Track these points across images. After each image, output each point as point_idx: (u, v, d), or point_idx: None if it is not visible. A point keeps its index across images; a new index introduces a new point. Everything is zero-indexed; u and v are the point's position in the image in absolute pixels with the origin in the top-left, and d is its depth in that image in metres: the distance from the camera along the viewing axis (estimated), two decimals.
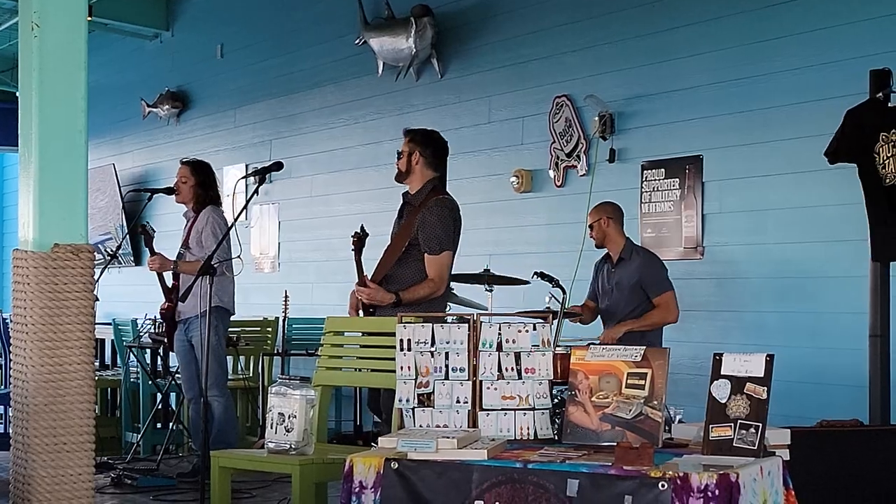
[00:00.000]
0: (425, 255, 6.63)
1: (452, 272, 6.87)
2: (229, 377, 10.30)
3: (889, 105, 6.74)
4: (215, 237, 8.03)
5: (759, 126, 7.91)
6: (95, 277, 5.72)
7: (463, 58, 10.19)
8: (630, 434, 4.57)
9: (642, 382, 4.66)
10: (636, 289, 7.59)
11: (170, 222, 13.66)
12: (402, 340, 5.05)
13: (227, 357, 8.93)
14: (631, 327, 7.48)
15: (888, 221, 6.71)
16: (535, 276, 7.63)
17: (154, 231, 8.45)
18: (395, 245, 6.76)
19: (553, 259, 8.72)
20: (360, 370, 6.66)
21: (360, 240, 6.70)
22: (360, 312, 6.77)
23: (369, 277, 6.69)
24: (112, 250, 12.72)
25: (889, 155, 6.64)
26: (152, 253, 8.33)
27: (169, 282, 8.43)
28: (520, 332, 4.95)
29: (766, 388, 4.40)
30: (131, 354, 10.24)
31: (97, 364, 10.13)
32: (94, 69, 6.02)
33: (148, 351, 10.02)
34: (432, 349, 5.00)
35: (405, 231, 6.72)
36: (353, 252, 6.70)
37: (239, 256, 8.11)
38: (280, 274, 12.14)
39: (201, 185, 8.37)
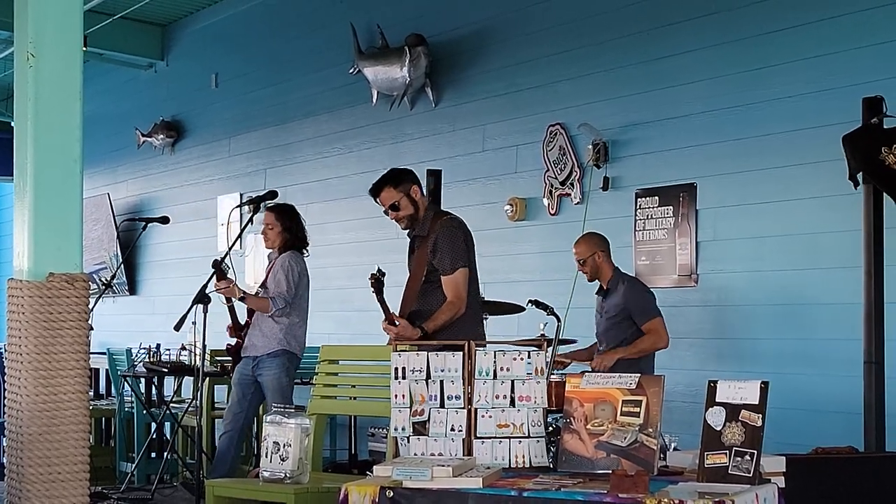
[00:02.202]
0: (442, 277, 6.59)
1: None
2: (223, 406, 10.29)
3: (884, 127, 6.78)
4: (286, 277, 8.00)
5: (753, 153, 7.92)
6: (90, 307, 5.72)
7: (457, 87, 10.21)
8: (625, 462, 4.58)
9: (637, 410, 4.67)
10: (624, 317, 7.60)
11: (163, 252, 13.71)
12: (396, 369, 5.06)
13: (223, 386, 8.92)
14: (622, 355, 7.46)
15: None
16: (530, 304, 7.63)
17: (228, 267, 8.16)
18: (413, 277, 6.70)
19: (547, 287, 8.72)
20: (355, 398, 6.66)
21: (377, 281, 6.45)
22: None
23: (397, 313, 6.61)
24: (106, 280, 12.72)
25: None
26: (224, 279, 8.04)
27: (242, 318, 8.31)
28: (515, 360, 4.95)
29: (761, 416, 4.41)
30: (126, 384, 10.23)
31: (91, 394, 10.12)
32: (89, 99, 6.03)
33: (142, 380, 10.01)
34: (427, 377, 5.00)
35: (420, 262, 6.67)
36: (373, 294, 6.48)
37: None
38: None
39: (288, 231, 8.22)
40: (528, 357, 4.96)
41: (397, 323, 6.42)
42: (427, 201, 6.82)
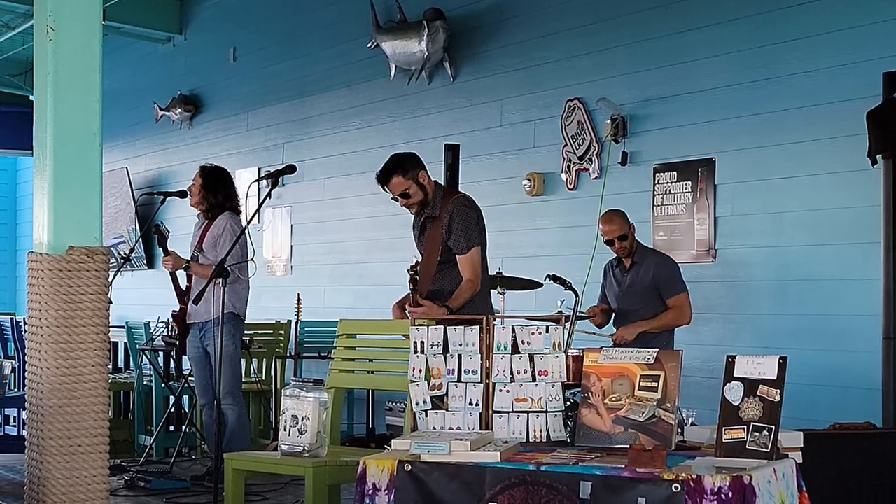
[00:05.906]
0: (457, 257, 6.62)
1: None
2: (243, 380, 10.34)
3: None
4: (229, 241, 8.02)
5: (771, 128, 7.90)
6: (109, 280, 5.74)
7: (475, 61, 10.20)
8: (643, 436, 4.58)
9: (655, 385, 4.67)
10: (651, 290, 7.54)
11: (183, 225, 13.67)
12: (415, 343, 5.07)
13: (241, 360, 8.93)
14: (644, 328, 7.44)
15: None
16: (548, 279, 7.62)
17: (168, 231, 8.44)
18: (429, 258, 6.72)
19: (565, 262, 8.72)
20: (372, 373, 6.68)
21: (413, 278, 6.69)
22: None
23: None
24: (125, 254, 12.76)
25: None
26: (166, 252, 8.33)
27: (183, 284, 8.43)
28: (533, 334, 4.96)
29: (779, 391, 4.41)
30: (144, 357, 10.28)
31: (110, 367, 10.17)
32: (107, 73, 6.04)
33: (161, 354, 10.05)
34: (445, 352, 5.01)
35: (433, 242, 6.68)
36: (410, 287, 6.67)
37: (252, 259, 8.12)
38: (292, 277, 12.16)
39: (206, 188, 8.35)
40: (547, 331, 4.97)
41: (423, 304, 6.52)
42: (433, 182, 6.81)
